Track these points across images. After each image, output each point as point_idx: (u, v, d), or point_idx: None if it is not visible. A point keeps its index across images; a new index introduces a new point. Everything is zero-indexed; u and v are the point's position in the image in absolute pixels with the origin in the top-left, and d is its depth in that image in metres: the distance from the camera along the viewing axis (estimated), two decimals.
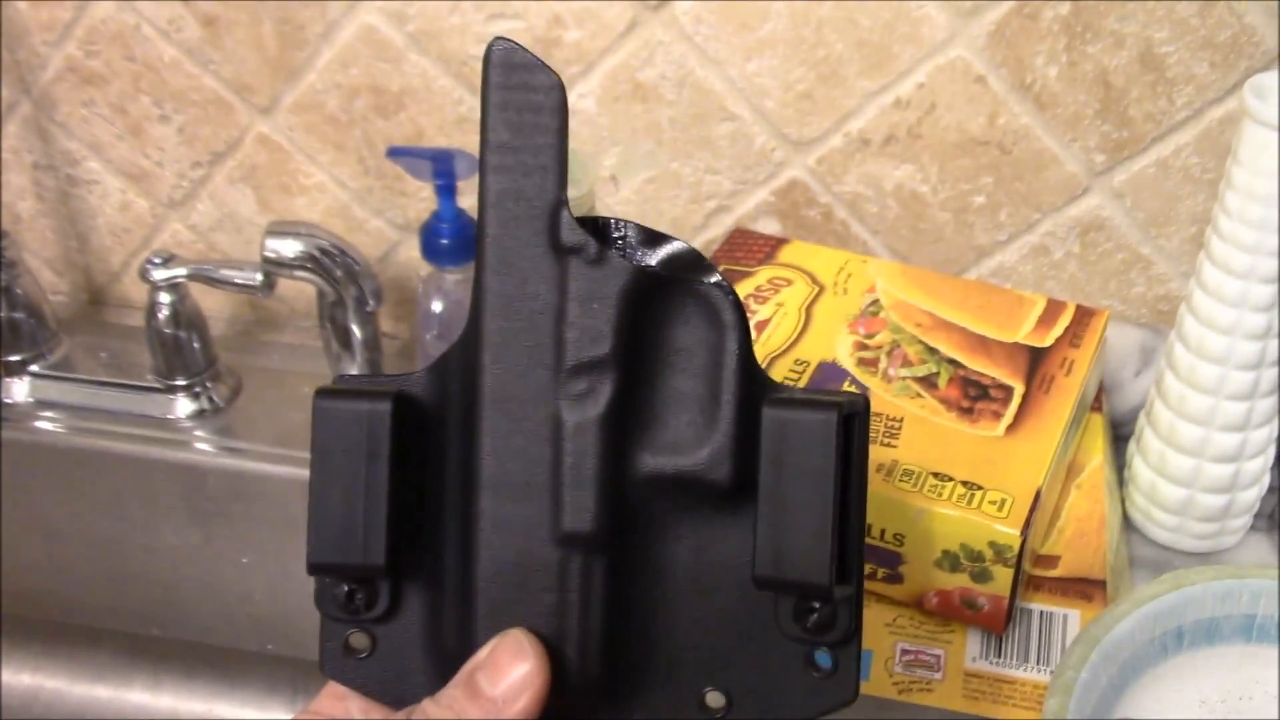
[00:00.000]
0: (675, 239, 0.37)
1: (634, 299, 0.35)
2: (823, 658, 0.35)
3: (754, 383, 0.35)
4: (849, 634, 0.35)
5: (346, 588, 0.37)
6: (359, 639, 0.37)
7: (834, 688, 0.35)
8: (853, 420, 0.34)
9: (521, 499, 0.35)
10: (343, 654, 0.37)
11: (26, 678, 0.86)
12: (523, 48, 0.35)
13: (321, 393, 0.36)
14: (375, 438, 0.35)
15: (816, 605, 0.34)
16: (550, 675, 0.35)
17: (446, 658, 0.36)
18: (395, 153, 0.72)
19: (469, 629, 0.36)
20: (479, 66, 0.36)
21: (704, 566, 0.36)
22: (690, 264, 0.37)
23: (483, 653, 0.35)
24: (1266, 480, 0.64)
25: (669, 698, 0.36)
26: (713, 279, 0.36)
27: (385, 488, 0.35)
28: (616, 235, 0.37)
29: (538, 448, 0.35)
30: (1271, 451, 0.63)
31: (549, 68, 0.35)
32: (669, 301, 0.36)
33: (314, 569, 0.36)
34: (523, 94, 0.35)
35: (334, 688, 0.38)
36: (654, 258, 0.36)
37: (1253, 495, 0.63)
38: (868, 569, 0.57)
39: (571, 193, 0.68)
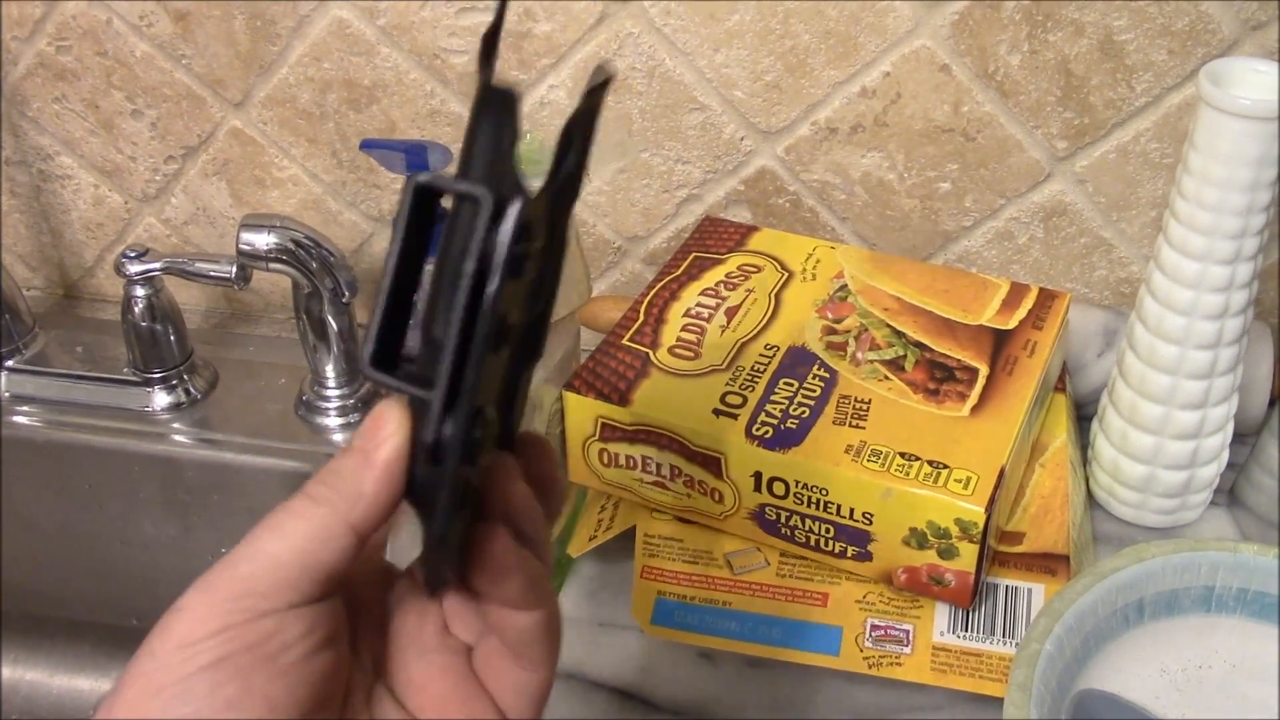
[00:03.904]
0: None
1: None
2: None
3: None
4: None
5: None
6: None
7: None
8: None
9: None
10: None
11: (6, 670, 0.86)
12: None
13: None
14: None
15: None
16: (410, 427, 0.35)
17: None
18: (368, 145, 0.73)
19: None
20: (450, 60, 0.37)
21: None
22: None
23: (361, 427, 0.38)
24: (1225, 456, 0.65)
25: None
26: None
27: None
28: None
29: None
30: (1229, 428, 0.64)
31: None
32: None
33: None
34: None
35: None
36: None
37: (1211, 471, 0.65)
38: (838, 548, 0.59)
39: (541, 182, 0.69)
